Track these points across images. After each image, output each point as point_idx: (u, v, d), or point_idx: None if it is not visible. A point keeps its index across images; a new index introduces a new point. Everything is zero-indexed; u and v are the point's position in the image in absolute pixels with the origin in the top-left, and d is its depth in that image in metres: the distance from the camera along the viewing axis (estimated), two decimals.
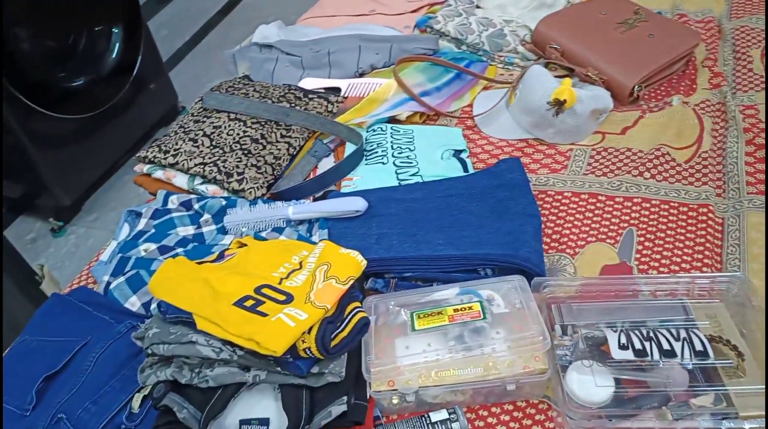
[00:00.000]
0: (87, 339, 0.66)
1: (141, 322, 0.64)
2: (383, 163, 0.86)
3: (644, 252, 0.71)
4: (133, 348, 0.63)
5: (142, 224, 0.82)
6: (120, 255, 0.76)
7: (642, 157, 0.83)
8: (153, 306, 0.67)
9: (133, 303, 0.70)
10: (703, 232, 0.72)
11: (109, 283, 0.72)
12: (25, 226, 1.73)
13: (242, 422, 0.56)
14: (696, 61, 0.98)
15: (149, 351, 0.59)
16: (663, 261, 0.70)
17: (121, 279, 0.72)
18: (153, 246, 0.77)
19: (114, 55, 1.67)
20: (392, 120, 0.95)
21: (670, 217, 0.74)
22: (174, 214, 0.82)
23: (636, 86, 0.91)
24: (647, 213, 0.75)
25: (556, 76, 0.92)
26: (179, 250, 0.76)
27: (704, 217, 0.74)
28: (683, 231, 0.72)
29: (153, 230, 0.80)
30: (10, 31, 1.47)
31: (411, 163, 0.86)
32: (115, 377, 0.62)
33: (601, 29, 1.00)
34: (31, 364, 0.64)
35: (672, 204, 0.76)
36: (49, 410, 0.59)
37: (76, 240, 1.67)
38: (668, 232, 0.72)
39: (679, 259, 0.69)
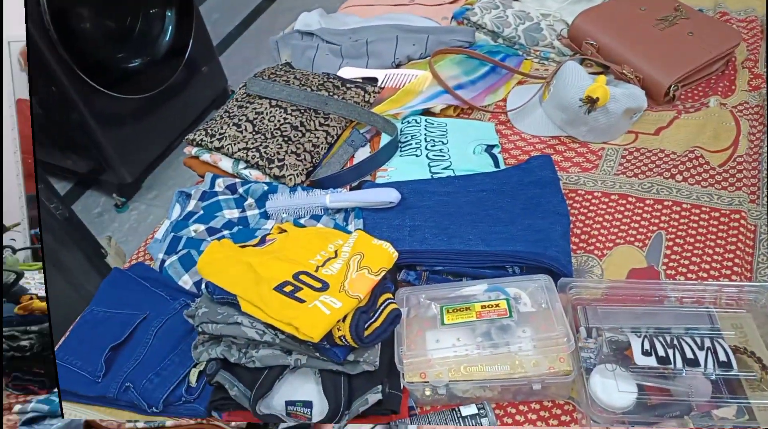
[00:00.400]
0: (146, 313, 0.66)
1: (193, 300, 0.64)
2: (416, 156, 0.83)
3: (672, 257, 0.67)
4: (188, 324, 0.63)
5: (191, 205, 0.82)
6: (172, 234, 0.76)
7: (675, 159, 0.77)
8: (203, 286, 0.67)
9: (186, 281, 0.70)
10: (734, 240, 0.67)
11: (163, 261, 0.72)
12: (92, 200, 1.75)
13: (288, 403, 0.56)
14: (736, 61, 0.90)
15: (200, 329, 0.59)
16: (691, 267, 0.65)
17: (174, 257, 0.72)
18: (201, 227, 0.77)
19: (167, 38, 1.65)
20: (426, 112, 0.91)
21: (701, 223, 0.69)
22: (220, 197, 0.81)
23: (672, 86, 0.85)
24: (677, 217, 0.70)
25: (591, 73, 0.86)
26: (225, 232, 0.76)
27: (736, 224, 0.69)
28: (713, 237, 0.68)
29: (201, 211, 0.80)
30: (74, 10, 1.47)
31: (443, 156, 0.83)
32: (173, 351, 0.62)
33: (640, 25, 0.93)
34: (99, 334, 0.65)
35: (703, 208, 0.71)
36: (118, 379, 0.60)
37: (138, 216, 1.69)
38: (698, 237, 0.68)
39: (707, 266, 0.65)
